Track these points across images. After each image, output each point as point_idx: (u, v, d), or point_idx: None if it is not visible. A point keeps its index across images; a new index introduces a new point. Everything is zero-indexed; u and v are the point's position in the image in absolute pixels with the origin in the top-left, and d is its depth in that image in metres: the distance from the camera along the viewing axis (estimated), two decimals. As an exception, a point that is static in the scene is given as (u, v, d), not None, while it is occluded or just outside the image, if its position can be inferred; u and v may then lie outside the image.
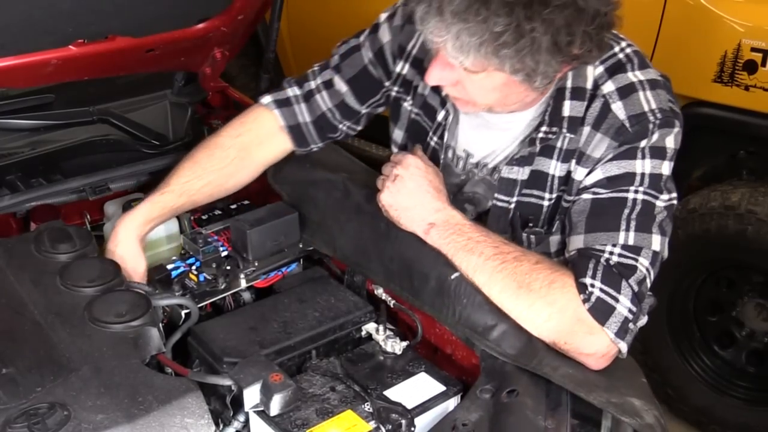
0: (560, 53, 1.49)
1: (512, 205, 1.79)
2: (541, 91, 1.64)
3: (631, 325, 1.53)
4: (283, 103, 1.98)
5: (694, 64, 2.73)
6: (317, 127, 1.99)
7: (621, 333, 1.52)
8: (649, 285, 1.59)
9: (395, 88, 1.96)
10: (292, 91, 1.99)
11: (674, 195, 1.65)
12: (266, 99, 2.00)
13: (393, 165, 1.74)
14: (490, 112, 1.71)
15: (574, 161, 1.69)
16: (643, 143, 1.61)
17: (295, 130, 1.99)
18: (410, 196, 1.70)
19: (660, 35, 2.79)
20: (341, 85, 1.97)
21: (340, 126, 2.01)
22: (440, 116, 1.87)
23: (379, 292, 1.82)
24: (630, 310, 1.52)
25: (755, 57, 2.58)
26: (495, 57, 1.48)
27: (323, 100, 1.98)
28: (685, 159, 2.88)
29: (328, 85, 1.98)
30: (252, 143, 1.97)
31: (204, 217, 2.13)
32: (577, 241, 1.62)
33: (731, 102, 2.68)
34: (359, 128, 2.06)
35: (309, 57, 2.21)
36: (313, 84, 1.99)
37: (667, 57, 2.77)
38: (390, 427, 1.47)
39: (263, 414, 1.48)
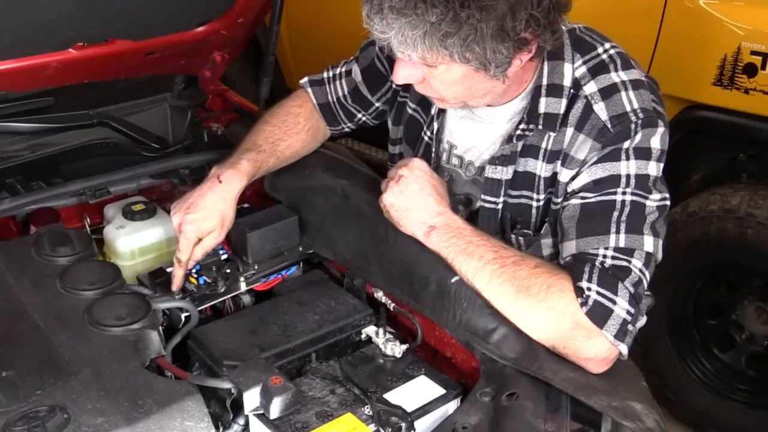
0: (507, 38, 1.51)
1: (499, 206, 1.80)
2: (503, 81, 1.63)
3: (629, 327, 1.53)
4: (316, 83, 2.12)
5: (693, 67, 2.73)
6: (342, 108, 2.10)
7: (620, 335, 1.52)
8: (645, 286, 1.59)
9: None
10: (326, 73, 2.13)
11: (666, 195, 1.65)
12: (303, 79, 2.15)
13: (398, 167, 1.75)
14: (466, 107, 1.73)
15: (558, 162, 1.70)
16: (626, 144, 1.61)
17: (325, 109, 2.10)
18: (413, 197, 1.70)
19: (660, 38, 2.79)
20: (357, 74, 2.07)
21: (357, 114, 2.11)
22: (433, 109, 1.90)
23: (379, 295, 1.82)
24: (628, 312, 1.52)
25: (755, 60, 2.58)
26: (442, 47, 1.51)
27: (341, 86, 2.09)
28: (684, 162, 2.91)
29: (348, 73, 2.10)
30: (314, 114, 2.10)
31: (204, 220, 2.13)
32: (570, 247, 1.62)
33: (731, 105, 2.68)
34: (376, 121, 2.15)
35: (309, 60, 2.24)
36: (338, 70, 2.12)
37: (667, 60, 2.78)
38: (390, 430, 1.47)
39: (263, 417, 1.48)
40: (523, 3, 1.49)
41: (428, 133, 1.93)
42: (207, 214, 1.81)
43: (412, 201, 1.71)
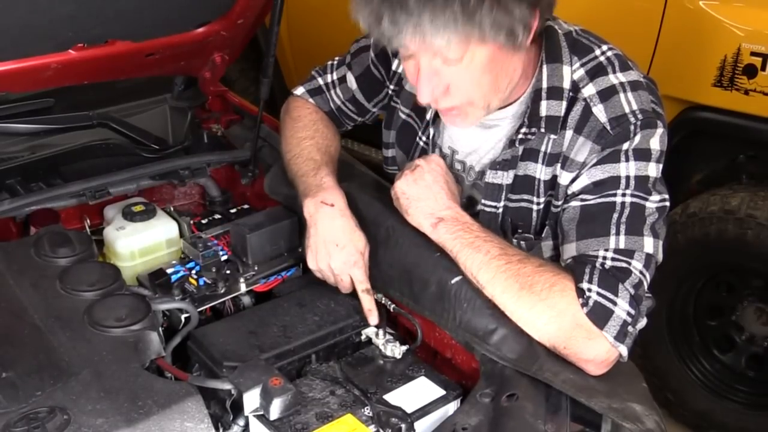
0: None
1: (500, 210, 1.80)
2: (524, 56, 1.64)
3: (630, 328, 1.53)
4: (316, 92, 2.14)
5: (693, 68, 2.74)
6: (342, 113, 2.12)
7: (620, 336, 1.52)
8: (645, 288, 1.59)
9: (392, 87, 2.01)
10: (322, 80, 2.14)
11: (666, 197, 1.65)
12: (299, 90, 2.16)
13: (417, 159, 1.77)
14: (489, 110, 1.71)
15: (558, 165, 1.70)
16: (625, 146, 1.61)
17: (330, 116, 2.13)
18: (425, 188, 1.71)
19: (660, 39, 2.79)
20: (352, 82, 2.07)
21: (357, 118, 2.14)
22: (429, 114, 1.90)
23: (379, 296, 1.82)
24: (628, 313, 1.52)
25: (755, 61, 2.58)
26: (472, 24, 1.49)
27: (338, 94, 2.11)
28: (684, 163, 2.91)
29: (342, 80, 2.11)
30: (326, 115, 2.14)
31: (204, 222, 2.13)
32: (570, 250, 1.62)
33: (731, 106, 2.68)
34: (370, 123, 2.19)
35: (309, 61, 2.24)
36: (329, 78, 2.13)
37: (667, 61, 2.78)
38: (390, 431, 1.47)
39: (263, 418, 1.48)
40: None
41: (423, 138, 1.93)
42: (350, 238, 1.76)
43: (424, 191, 1.71)
